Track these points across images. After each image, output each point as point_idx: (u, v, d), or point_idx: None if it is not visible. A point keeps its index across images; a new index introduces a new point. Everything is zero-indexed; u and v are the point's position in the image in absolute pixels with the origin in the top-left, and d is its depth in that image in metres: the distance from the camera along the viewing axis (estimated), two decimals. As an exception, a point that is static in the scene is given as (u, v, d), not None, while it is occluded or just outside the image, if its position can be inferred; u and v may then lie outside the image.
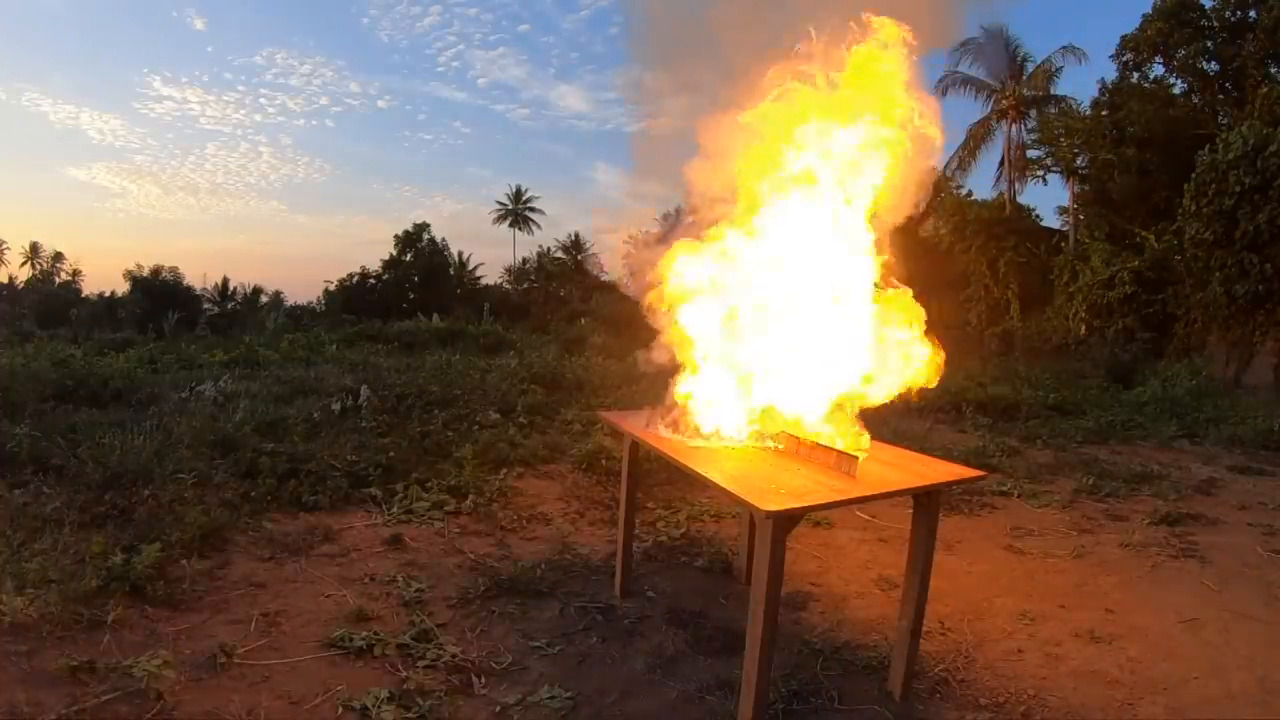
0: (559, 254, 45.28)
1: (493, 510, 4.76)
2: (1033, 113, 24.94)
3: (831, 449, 2.79)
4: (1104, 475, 6.19)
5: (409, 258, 38.70)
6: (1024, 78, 24.90)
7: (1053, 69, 24.55)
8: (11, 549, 3.43)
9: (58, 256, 54.61)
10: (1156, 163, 19.56)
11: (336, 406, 6.80)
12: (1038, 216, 25.82)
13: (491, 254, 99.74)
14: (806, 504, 2.46)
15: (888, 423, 6.14)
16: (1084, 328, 18.94)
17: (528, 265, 45.15)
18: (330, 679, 2.83)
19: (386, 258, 38.74)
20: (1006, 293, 22.72)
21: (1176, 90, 21.10)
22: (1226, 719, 2.80)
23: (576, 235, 46.37)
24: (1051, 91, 24.69)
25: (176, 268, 36.90)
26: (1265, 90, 17.34)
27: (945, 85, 24.77)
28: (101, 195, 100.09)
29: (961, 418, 8.85)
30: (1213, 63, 20.41)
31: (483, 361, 10.84)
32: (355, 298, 35.61)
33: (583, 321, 22.30)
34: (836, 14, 2.99)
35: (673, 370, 3.32)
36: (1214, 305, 14.91)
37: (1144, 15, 20.76)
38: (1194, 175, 15.10)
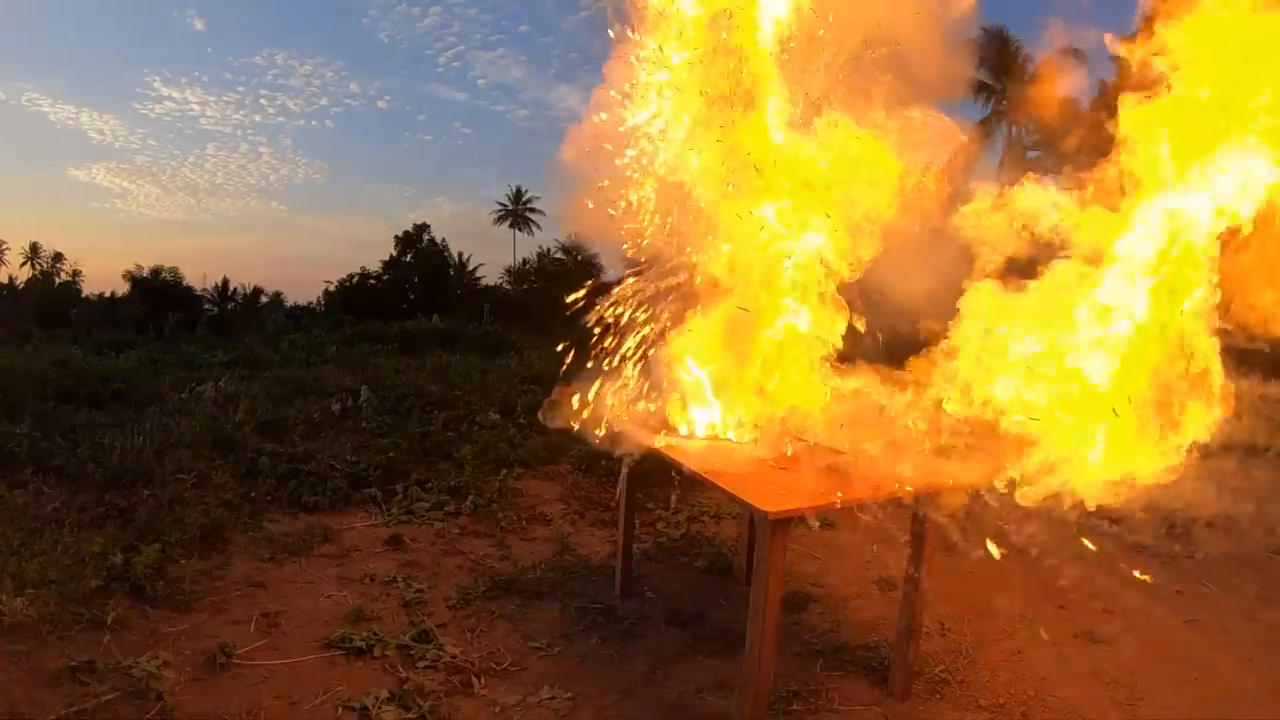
0: (559, 255, 45.26)
1: (492, 511, 4.76)
2: (1032, 113, 24.96)
3: (833, 449, 2.79)
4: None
5: (409, 258, 38.69)
6: (1024, 78, 24.91)
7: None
8: (11, 549, 3.43)
9: (58, 256, 54.56)
10: (1156, 163, 19.55)
11: (336, 407, 6.79)
12: (1037, 217, 25.80)
13: (491, 254, 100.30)
14: (807, 504, 2.47)
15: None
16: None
17: (528, 266, 45.13)
18: (330, 679, 2.83)
19: (386, 258, 38.77)
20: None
21: (1176, 91, 21.10)
22: (1226, 719, 2.80)
23: (576, 236, 46.31)
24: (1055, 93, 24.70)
25: (176, 268, 37.00)
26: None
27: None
28: (101, 195, 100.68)
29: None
30: (1212, 63, 20.42)
31: (483, 362, 10.82)
32: (355, 298, 35.60)
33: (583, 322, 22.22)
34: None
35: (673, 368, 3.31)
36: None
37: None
38: (1194, 176, 15.10)
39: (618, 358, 3.26)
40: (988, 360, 2.61)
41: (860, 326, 3.10)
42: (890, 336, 3.13)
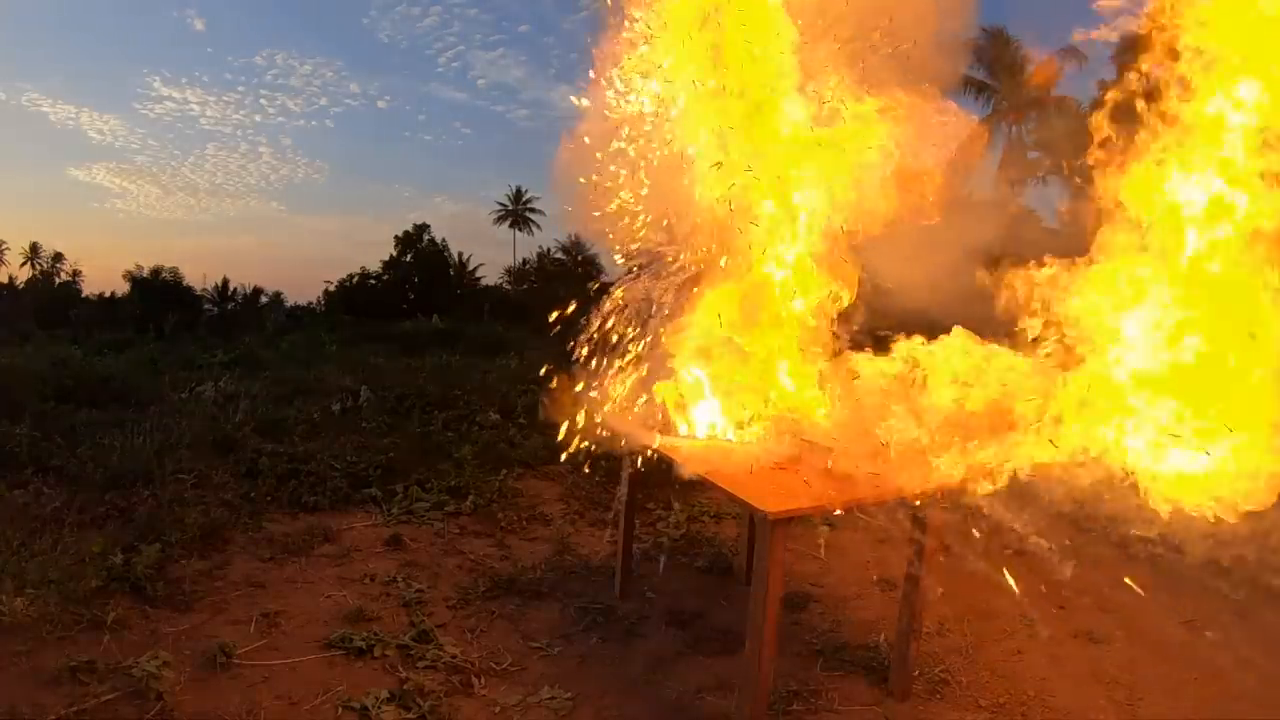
0: (559, 255, 45.22)
1: (492, 511, 4.76)
2: (1032, 113, 24.94)
3: (834, 450, 2.78)
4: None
5: (409, 258, 38.65)
6: (1024, 78, 24.89)
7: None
8: (11, 549, 3.43)
9: (58, 256, 54.28)
10: (1156, 163, 19.54)
11: (336, 407, 6.80)
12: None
13: (491, 254, 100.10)
14: (807, 505, 2.46)
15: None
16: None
17: (528, 266, 45.07)
18: (330, 679, 2.83)
19: (386, 258, 38.73)
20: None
21: (1176, 91, 21.08)
22: (1226, 719, 2.80)
23: (576, 236, 46.28)
24: (1051, 92, 24.71)
25: (176, 268, 36.83)
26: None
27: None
28: (101, 195, 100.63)
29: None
30: (1212, 63, 20.41)
31: (483, 362, 10.81)
32: (355, 298, 35.53)
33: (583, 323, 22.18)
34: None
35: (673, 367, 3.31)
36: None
37: (1144, 16, 20.76)
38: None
39: (616, 367, 3.26)
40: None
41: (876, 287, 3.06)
42: (897, 329, 3.11)
